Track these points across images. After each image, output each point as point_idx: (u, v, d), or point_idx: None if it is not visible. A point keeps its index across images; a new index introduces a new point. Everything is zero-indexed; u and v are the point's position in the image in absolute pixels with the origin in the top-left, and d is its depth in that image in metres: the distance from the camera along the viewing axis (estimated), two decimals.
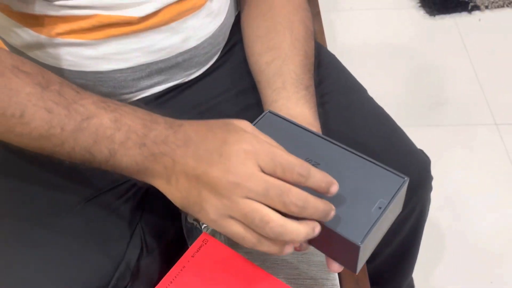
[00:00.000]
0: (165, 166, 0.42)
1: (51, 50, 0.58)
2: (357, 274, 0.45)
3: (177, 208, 0.65)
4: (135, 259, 0.55)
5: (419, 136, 0.74)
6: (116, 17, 0.55)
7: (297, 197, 0.38)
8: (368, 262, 0.70)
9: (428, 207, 0.73)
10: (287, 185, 0.39)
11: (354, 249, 0.40)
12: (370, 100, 0.71)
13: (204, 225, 0.64)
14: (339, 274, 0.61)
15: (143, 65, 0.60)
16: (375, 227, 0.41)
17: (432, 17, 1.67)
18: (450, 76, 1.50)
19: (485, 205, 1.20)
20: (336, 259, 0.45)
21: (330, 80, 0.69)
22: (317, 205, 0.39)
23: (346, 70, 0.74)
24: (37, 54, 0.59)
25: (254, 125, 0.49)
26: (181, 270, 0.54)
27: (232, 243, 0.63)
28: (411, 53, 1.57)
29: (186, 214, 0.64)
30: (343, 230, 0.41)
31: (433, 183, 0.71)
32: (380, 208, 0.42)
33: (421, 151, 0.69)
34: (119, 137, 0.42)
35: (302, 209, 0.39)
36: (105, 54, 0.58)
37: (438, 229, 1.17)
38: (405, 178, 0.44)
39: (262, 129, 0.45)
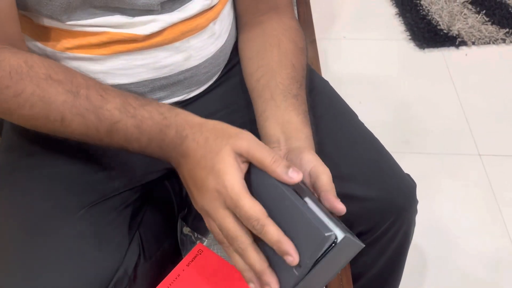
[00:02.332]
0: (175, 163, 0.51)
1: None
2: None
3: (173, 218, 0.68)
4: (133, 265, 0.56)
5: (405, 162, 0.76)
6: (123, 35, 0.58)
7: (238, 246, 0.45)
8: (354, 282, 0.72)
9: (413, 230, 0.76)
10: (236, 233, 0.45)
11: None
12: (360, 125, 0.73)
13: (199, 236, 0.66)
14: None
15: (146, 80, 0.62)
16: (306, 279, 0.41)
17: (422, 50, 1.72)
18: (437, 107, 1.54)
19: (467, 231, 1.23)
20: None
21: (322, 105, 0.71)
22: (252, 261, 0.45)
23: (338, 96, 0.76)
24: None
25: None
26: (176, 278, 0.55)
27: (225, 254, 0.64)
28: (400, 83, 1.61)
29: (182, 225, 0.66)
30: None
31: (418, 207, 0.74)
32: (306, 268, 0.42)
33: (408, 175, 0.71)
34: (144, 141, 0.51)
35: (242, 256, 0.45)
36: (111, 69, 0.60)
37: (421, 253, 1.19)
38: (334, 239, 0.41)
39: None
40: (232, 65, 0.73)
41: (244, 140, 0.46)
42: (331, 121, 0.69)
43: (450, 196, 1.31)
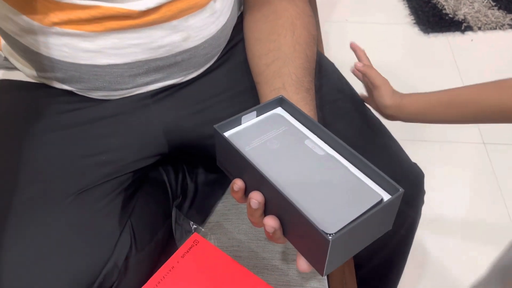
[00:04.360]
0: None
1: (45, 39, 0.56)
2: (323, 276, 0.42)
3: (168, 206, 0.65)
4: (124, 257, 0.53)
5: (406, 150, 0.74)
6: (116, 9, 0.54)
7: None
8: (356, 272, 0.70)
9: (418, 221, 0.73)
10: None
11: (324, 244, 0.38)
12: (367, 110, 0.70)
13: (194, 225, 0.63)
14: (328, 282, 0.60)
15: (140, 61, 0.59)
16: (351, 228, 0.38)
17: (426, 34, 1.69)
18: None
19: (470, 220, 1.21)
20: (306, 256, 0.42)
21: (328, 88, 0.68)
22: None
23: (345, 79, 0.73)
24: (30, 42, 0.57)
25: (264, 105, 0.49)
26: (170, 270, 0.53)
27: (223, 245, 0.62)
28: (404, 68, 1.58)
29: (177, 214, 0.63)
30: (317, 222, 0.39)
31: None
32: (364, 211, 0.40)
33: (415, 165, 0.68)
34: None
35: None
36: (102, 48, 0.56)
37: (423, 243, 1.17)
38: (400, 190, 0.41)
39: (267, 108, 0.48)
40: (233, 45, 0.69)
41: None
42: (337, 105, 0.67)
43: (453, 185, 1.29)
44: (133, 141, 0.61)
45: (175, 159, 0.68)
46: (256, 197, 0.42)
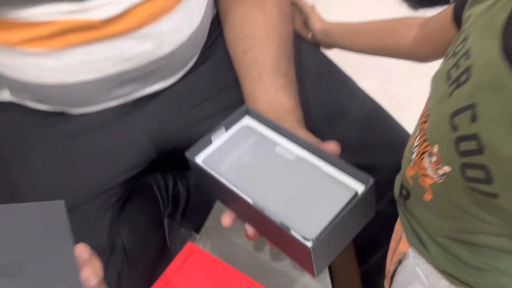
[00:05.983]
0: None
1: (9, 61, 0.53)
2: (315, 277, 0.44)
3: (159, 217, 0.62)
4: (115, 277, 0.51)
5: None
6: (75, 22, 0.50)
7: None
8: (360, 264, 0.67)
9: None
10: None
11: (307, 251, 0.39)
12: (359, 90, 0.67)
13: (189, 233, 0.60)
14: (332, 281, 0.58)
15: (113, 75, 0.55)
16: (331, 229, 0.40)
17: (415, 10, 1.64)
18: (431, 71, 1.47)
19: None
20: (296, 261, 0.44)
21: (311, 70, 0.66)
22: None
23: (327, 58, 0.71)
24: None
25: (230, 118, 0.50)
26: (166, 284, 0.51)
27: (221, 250, 0.59)
28: None
29: (170, 224, 0.60)
30: (296, 231, 0.40)
31: None
32: (340, 209, 0.41)
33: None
34: None
35: None
36: (69, 65, 0.53)
37: None
38: (371, 181, 0.42)
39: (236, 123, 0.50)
40: (214, 39, 0.66)
41: None
42: (324, 89, 0.65)
43: None
44: (117, 151, 0.59)
45: (163, 165, 0.65)
46: (251, 233, 0.45)
